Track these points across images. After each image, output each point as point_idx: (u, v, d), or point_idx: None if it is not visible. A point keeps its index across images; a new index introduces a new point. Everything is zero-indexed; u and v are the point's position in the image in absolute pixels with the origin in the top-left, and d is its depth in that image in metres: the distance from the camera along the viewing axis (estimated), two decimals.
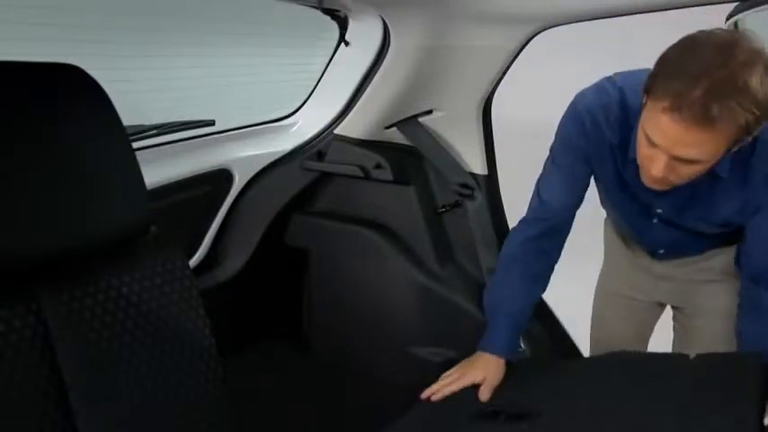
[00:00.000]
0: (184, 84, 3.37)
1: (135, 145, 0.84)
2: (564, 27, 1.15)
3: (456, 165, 1.37)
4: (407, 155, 1.41)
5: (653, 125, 0.87)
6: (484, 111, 1.35)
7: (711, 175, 0.95)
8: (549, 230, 1.11)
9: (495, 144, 1.41)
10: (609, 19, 1.16)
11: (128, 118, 0.67)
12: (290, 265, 1.55)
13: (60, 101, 0.57)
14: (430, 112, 1.37)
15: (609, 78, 1.03)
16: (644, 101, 0.88)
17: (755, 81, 0.79)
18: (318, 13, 1.21)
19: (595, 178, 1.12)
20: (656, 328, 1.44)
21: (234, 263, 1.46)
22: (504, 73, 1.26)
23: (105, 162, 0.59)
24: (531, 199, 1.14)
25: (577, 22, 1.13)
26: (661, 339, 1.42)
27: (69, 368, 0.60)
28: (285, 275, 1.57)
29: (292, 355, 1.56)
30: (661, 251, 1.20)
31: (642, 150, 0.92)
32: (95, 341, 0.62)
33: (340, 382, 1.44)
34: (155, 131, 1.17)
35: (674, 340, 1.36)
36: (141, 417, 0.64)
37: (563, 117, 1.08)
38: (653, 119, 0.86)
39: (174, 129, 1.24)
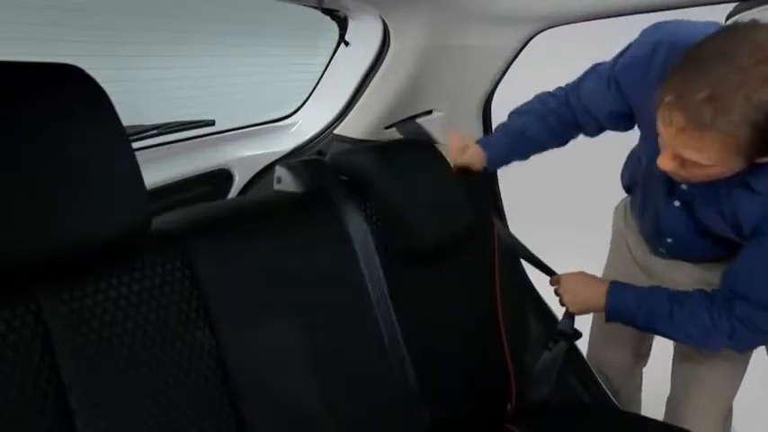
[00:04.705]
0: (184, 84, 3.37)
1: (135, 145, 0.84)
2: (564, 27, 1.15)
3: None
4: None
5: (658, 112, 0.79)
6: (484, 111, 1.35)
7: (743, 185, 0.87)
8: (564, 117, 1.14)
9: None
10: (608, 19, 1.17)
11: (128, 118, 0.67)
12: None
13: (60, 101, 0.57)
14: (430, 112, 1.37)
15: (708, 23, 0.91)
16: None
17: None
18: (318, 12, 1.21)
19: (639, 124, 1.05)
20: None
21: None
22: (504, 73, 1.26)
23: (105, 162, 0.59)
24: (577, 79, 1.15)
25: (577, 22, 1.13)
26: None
27: (69, 368, 0.60)
28: None
29: None
30: (669, 240, 1.12)
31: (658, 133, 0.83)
32: (95, 341, 0.62)
33: None
34: (155, 131, 1.17)
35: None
36: (141, 417, 0.64)
37: (637, 41, 0.99)
38: (659, 106, 0.78)
39: (174, 129, 1.24)
